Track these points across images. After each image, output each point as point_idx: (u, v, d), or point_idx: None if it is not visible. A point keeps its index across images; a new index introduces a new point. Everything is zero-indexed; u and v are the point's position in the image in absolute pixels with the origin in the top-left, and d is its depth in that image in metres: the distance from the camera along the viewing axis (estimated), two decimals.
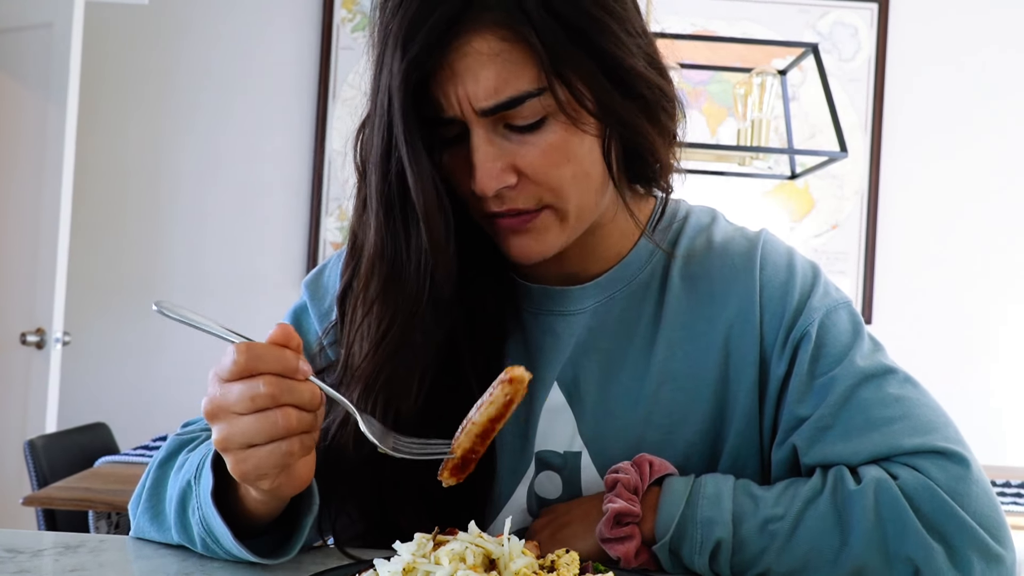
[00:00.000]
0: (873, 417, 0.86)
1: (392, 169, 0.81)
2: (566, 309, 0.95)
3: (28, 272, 3.24)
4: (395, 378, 0.84)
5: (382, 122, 0.80)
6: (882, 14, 3.72)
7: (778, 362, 0.90)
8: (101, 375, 3.67)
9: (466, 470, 0.77)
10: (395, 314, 0.84)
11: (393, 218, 0.83)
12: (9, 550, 0.84)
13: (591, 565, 0.76)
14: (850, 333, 0.91)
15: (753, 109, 2.53)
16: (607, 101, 0.81)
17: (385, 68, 0.80)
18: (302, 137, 3.70)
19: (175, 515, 0.85)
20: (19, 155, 3.32)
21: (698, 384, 0.91)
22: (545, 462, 0.93)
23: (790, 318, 0.90)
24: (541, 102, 0.79)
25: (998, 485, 2.66)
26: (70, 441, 2.65)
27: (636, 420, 0.91)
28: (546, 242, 0.86)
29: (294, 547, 0.83)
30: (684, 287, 0.94)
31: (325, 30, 3.69)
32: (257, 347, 0.72)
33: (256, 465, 0.72)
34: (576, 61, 0.79)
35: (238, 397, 0.71)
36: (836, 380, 0.87)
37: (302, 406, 0.72)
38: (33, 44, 3.24)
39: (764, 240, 0.95)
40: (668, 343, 0.92)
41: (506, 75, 0.78)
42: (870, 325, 3.68)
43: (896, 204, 3.74)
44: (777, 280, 0.92)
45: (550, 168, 0.82)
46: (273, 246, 3.69)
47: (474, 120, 0.80)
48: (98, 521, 2.17)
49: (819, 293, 0.92)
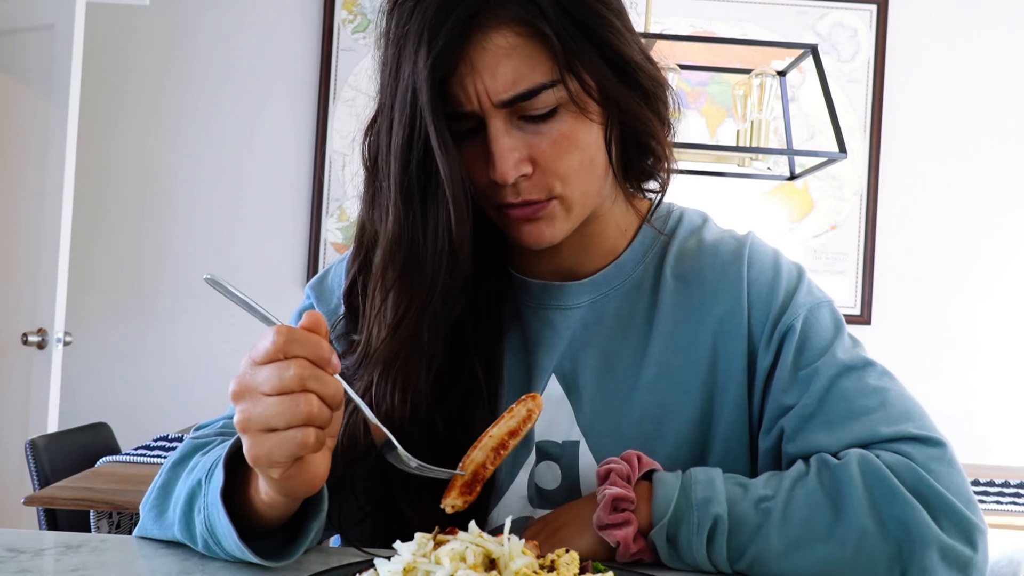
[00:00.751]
0: (854, 407, 0.90)
1: (414, 160, 0.85)
2: (563, 304, 0.99)
3: (29, 272, 3.24)
4: (410, 361, 0.88)
5: (403, 116, 0.85)
6: (881, 15, 3.72)
7: (764, 354, 0.95)
8: (102, 375, 3.67)
9: (473, 492, 0.78)
10: (412, 299, 0.88)
11: (412, 208, 0.87)
12: (11, 550, 0.84)
13: (591, 564, 0.77)
14: (832, 329, 0.96)
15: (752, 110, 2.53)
16: (612, 91, 0.87)
17: (406, 64, 0.84)
18: (303, 138, 3.70)
19: (180, 513, 0.86)
20: (21, 155, 3.32)
21: (690, 376, 0.95)
22: (544, 452, 0.96)
23: (776, 313, 0.95)
24: (554, 93, 0.84)
25: (997, 484, 2.66)
26: (71, 441, 2.65)
27: (631, 410, 0.95)
28: (555, 227, 0.90)
29: (296, 551, 0.83)
30: (676, 285, 0.99)
31: (326, 32, 3.69)
32: (296, 332, 0.73)
33: (270, 450, 0.72)
34: (585, 54, 0.84)
35: (266, 377, 0.72)
36: (819, 371, 0.92)
37: (325, 398, 0.73)
38: (35, 45, 3.24)
39: (752, 241, 1.01)
40: (662, 337, 0.97)
41: (523, 69, 0.83)
42: (869, 326, 3.71)
43: (895, 205, 3.75)
44: (764, 278, 0.97)
45: (561, 157, 0.87)
46: (274, 247, 3.69)
47: (492, 112, 0.84)
48: (99, 521, 2.17)
49: (803, 291, 0.97)
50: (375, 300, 0.90)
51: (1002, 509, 2.37)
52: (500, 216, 0.91)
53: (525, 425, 0.78)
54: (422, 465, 0.79)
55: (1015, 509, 2.37)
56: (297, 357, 0.72)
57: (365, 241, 0.95)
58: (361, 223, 0.95)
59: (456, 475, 0.78)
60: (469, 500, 0.78)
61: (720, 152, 2.73)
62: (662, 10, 3.64)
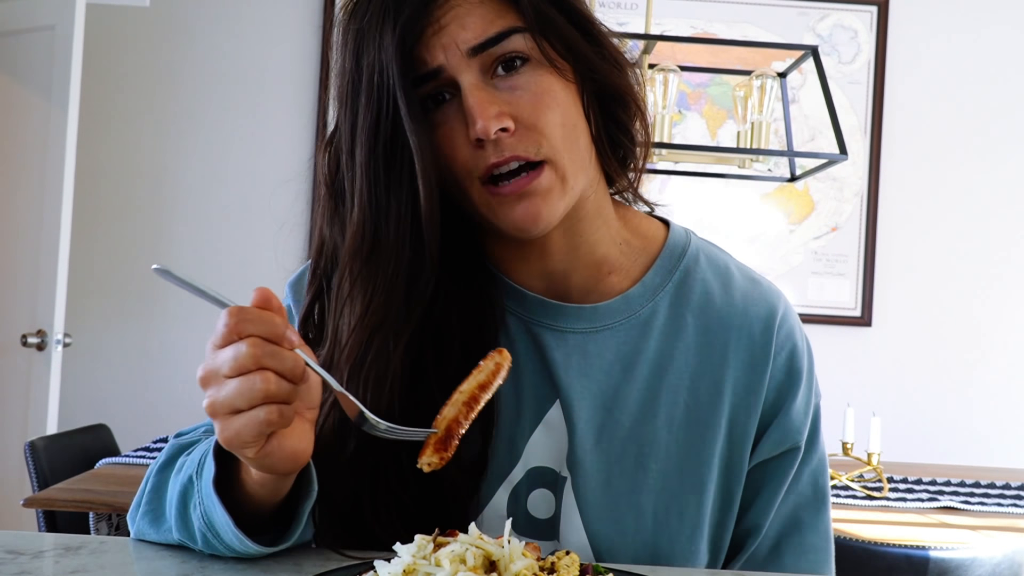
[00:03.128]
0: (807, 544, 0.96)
1: (381, 140, 0.85)
2: (558, 325, 0.95)
3: (29, 274, 3.24)
4: (381, 354, 0.86)
5: (370, 99, 0.85)
6: (882, 17, 3.72)
7: (766, 446, 0.95)
8: (102, 377, 3.67)
9: (449, 448, 0.76)
10: (376, 285, 0.86)
11: (378, 192, 0.86)
12: (10, 551, 0.84)
13: (591, 567, 0.77)
14: (820, 459, 0.99)
15: (753, 111, 2.53)
16: (580, 48, 0.88)
17: (371, 47, 0.84)
18: (303, 139, 3.70)
19: (176, 513, 0.86)
20: (21, 157, 3.32)
21: (695, 434, 0.94)
22: (539, 479, 0.93)
23: (789, 424, 0.95)
24: (524, 40, 0.85)
25: (998, 486, 2.66)
26: (71, 442, 2.65)
27: (625, 454, 0.92)
28: (550, 204, 0.86)
29: (293, 534, 0.83)
30: (698, 339, 0.95)
31: (325, 32, 3.69)
32: (245, 310, 0.73)
33: (237, 431, 0.73)
34: (549, 10, 0.86)
35: (224, 359, 0.72)
36: (801, 505, 0.96)
37: (283, 373, 0.72)
38: (35, 47, 3.24)
39: (783, 315, 0.98)
40: (672, 390, 0.94)
41: (491, 16, 0.84)
42: (869, 327, 3.71)
43: (896, 206, 3.75)
44: (787, 378, 0.96)
45: (540, 110, 0.85)
46: (273, 248, 3.69)
47: (463, 67, 0.84)
48: (99, 522, 2.17)
49: (812, 406, 0.98)
50: (341, 292, 0.88)
51: (1003, 511, 2.37)
52: (489, 198, 0.86)
53: (495, 378, 0.76)
54: (391, 428, 0.77)
55: (1016, 512, 2.37)
56: (251, 336, 0.72)
57: (322, 264, 0.92)
58: (319, 244, 0.92)
59: (430, 433, 0.76)
60: (446, 457, 0.76)
61: (720, 154, 2.74)
62: (662, 11, 3.64)
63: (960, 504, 2.42)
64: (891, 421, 3.15)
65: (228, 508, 0.80)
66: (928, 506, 2.40)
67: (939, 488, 2.62)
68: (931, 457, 3.48)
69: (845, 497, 2.45)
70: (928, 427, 3.67)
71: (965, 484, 2.69)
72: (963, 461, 3.50)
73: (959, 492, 2.57)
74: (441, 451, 0.76)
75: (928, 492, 2.54)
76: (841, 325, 3.71)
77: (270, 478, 0.79)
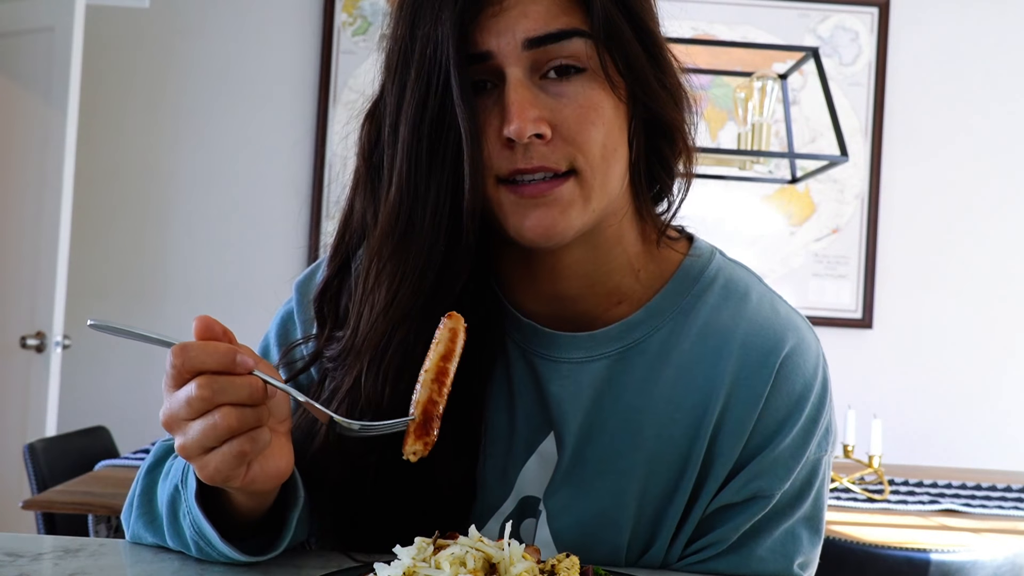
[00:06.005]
0: None
1: (427, 118, 0.80)
2: (553, 355, 0.91)
3: (28, 276, 3.24)
4: (406, 344, 0.82)
5: (421, 72, 0.79)
6: (882, 18, 3.72)
7: (732, 488, 0.87)
8: (101, 379, 3.66)
9: (430, 431, 0.73)
10: (405, 275, 0.81)
11: (418, 174, 0.81)
12: (9, 554, 0.84)
13: (591, 570, 0.76)
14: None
15: (754, 113, 2.53)
16: (639, 68, 0.82)
17: (427, 16, 0.79)
18: (303, 141, 3.70)
19: (168, 521, 0.85)
20: (20, 158, 3.32)
21: (674, 455, 0.88)
22: (530, 509, 0.91)
23: (761, 470, 0.87)
24: (584, 45, 0.80)
25: (999, 489, 2.66)
26: (70, 445, 2.64)
27: (603, 487, 0.89)
28: (569, 216, 0.81)
29: (282, 543, 0.82)
30: (687, 368, 0.89)
31: (326, 34, 3.69)
32: (190, 347, 0.71)
33: (217, 468, 0.72)
34: (620, 21, 0.81)
35: (180, 403, 0.71)
36: (764, 560, 0.88)
37: (242, 402, 0.71)
38: (34, 48, 3.24)
39: (789, 352, 0.90)
40: (654, 420, 0.88)
41: (556, 11, 0.79)
42: (870, 329, 3.71)
43: (896, 208, 3.74)
44: (778, 422, 0.88)
45: (583, 125, 0.80)
46: (274, 250, 3.69)
47: (514, 59, 0.79)
48: (97, 525, 2.16)
49: (807, 460, 0.89)
50: (367, 283, 0.84)
51: (1004, 514, 2.37)
52: (506, 197, 0.81)
53: (455, 345, 0.74)
54: (365, 425, 0.75)
55: (1017, 514, 2.37)
56: (201, 373, 0.70)
57: (347, 239, 0.88)
58: (346, 216, 0.88)
59: (408, 421, 0.74)
60: (430, 442, 0.73)
61: (721, 155, 2.74)
62: (663, 13, 3.62)
63: (961, 507, 2.41)
64: (892, 423, 3.14)
65: (216, 517, 0.79)
66: (929, 509, 2.40)
67: (940, 491, 2.61)
68: (932, 460, 3.48)
69: (846, 500, 2.45)
70: (929, 429, 3.66)
71: (966, 487, 2.68)
72: (964, 463, 3.49)
73: (960, 495, 2.57)
74: (423, 436, 0.73)
75: (929, 495, 2.54)
76: (842, 327, 3.70)
77: (253, 495, 0.79)
